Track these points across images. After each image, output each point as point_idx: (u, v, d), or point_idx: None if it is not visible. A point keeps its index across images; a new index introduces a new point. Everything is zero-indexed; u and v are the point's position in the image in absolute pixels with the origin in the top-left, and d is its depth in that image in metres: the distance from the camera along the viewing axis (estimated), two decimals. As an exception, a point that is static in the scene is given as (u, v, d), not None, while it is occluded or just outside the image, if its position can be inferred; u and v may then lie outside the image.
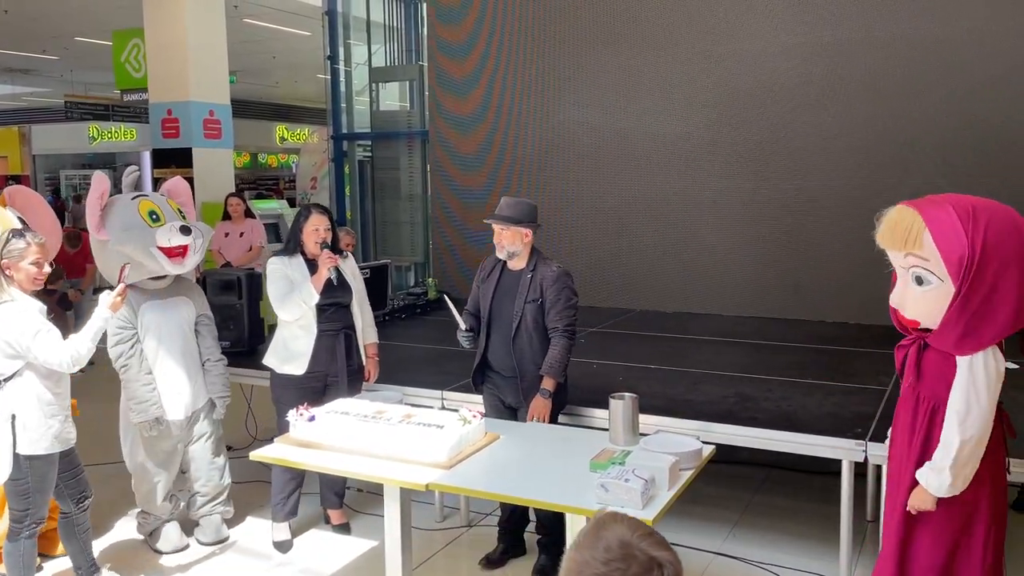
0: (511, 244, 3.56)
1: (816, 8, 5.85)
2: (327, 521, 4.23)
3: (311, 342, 3.87)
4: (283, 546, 4.04)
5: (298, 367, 3.88)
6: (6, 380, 3.07)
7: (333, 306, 3.93)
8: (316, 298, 3.81)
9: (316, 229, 3.89)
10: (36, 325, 3.05)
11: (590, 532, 1.26)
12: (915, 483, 2.42)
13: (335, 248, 3.93)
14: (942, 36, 5.48)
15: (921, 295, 2.32)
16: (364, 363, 4.08)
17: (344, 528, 4.19)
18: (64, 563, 3.84)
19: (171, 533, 3.95)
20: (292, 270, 3.87)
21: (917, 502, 2.41)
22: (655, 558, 1.21)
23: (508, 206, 3.58)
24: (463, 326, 3.67)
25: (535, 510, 3.64)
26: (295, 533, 4.12)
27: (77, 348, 3.06)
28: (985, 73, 5.38)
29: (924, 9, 5.54)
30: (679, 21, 6.30)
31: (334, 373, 3.94)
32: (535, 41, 6.88)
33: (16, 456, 3.09)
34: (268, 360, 3.97)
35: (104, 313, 3.15)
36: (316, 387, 3.90)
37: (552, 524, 3.59)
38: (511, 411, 3.67)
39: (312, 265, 3.88)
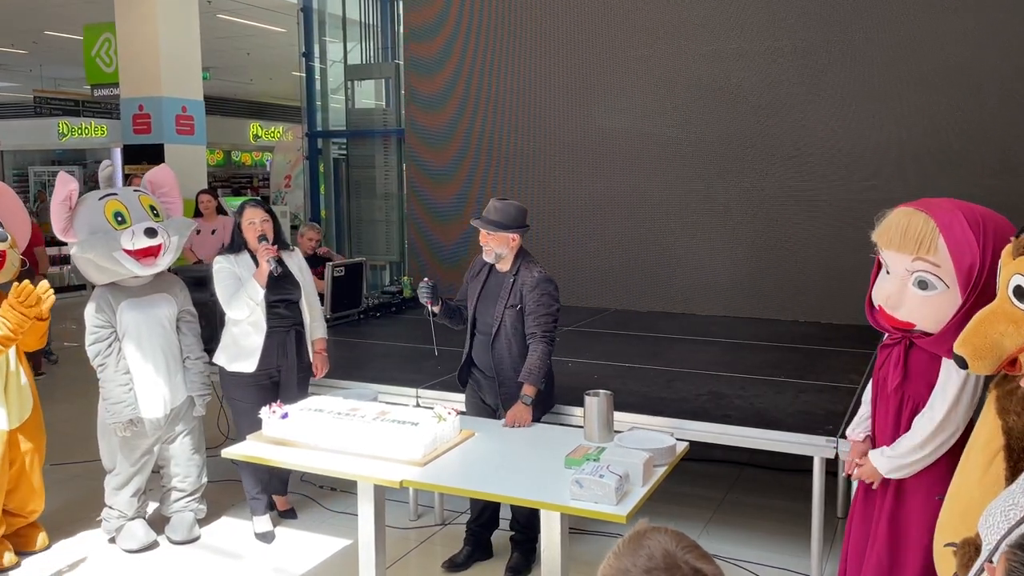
0: (498, 248, 3.52)
1: (790, 9, 5.90)
2: (271, 508, 4.24)
3: (261, 339, 3.85)
4: (266, 537, 4.04)
5: (249, 365, 3.85)
6: None
7: (282, 302, 3.91)
8: (261, 293, 3.78)
9: (251, 222, 3.86)
10: None
11: (631, 540, 1.22)
12: (899, 482, 2.43)
13: (277, 241, 3.91)
14: (917, 39, 5.56)
15: (923, 299, 2.31)
16: (312, 359, 4.06)
17: (290, 513, 4.24)
18: (44, 559, 3.80)
19: (136, 531, 3.90)
20: (239, 268, 3.84)
21: (866, 473, 2.52)
22: (700, 570, 1.17)
23: (496, 210, 3.51)
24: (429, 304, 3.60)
25: (512, 508, 3.64)
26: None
27: None
28: (960, 76, 5.45)
29: (899, 12, 5.61)
30: (655, 20, 6.34)
31: (286, 369, 3.94)
32: (509, 41, 6.88)
33: None
34: (218, 358, 3.93)
35: None
36: (267, 384, 3.91)
37: (528, 522, 3.60)
38: (491, 409, 3.65)
39: (258, 261, 3.86)
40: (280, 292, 3.89)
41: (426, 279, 3.59)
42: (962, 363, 2.04)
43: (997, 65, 5.36)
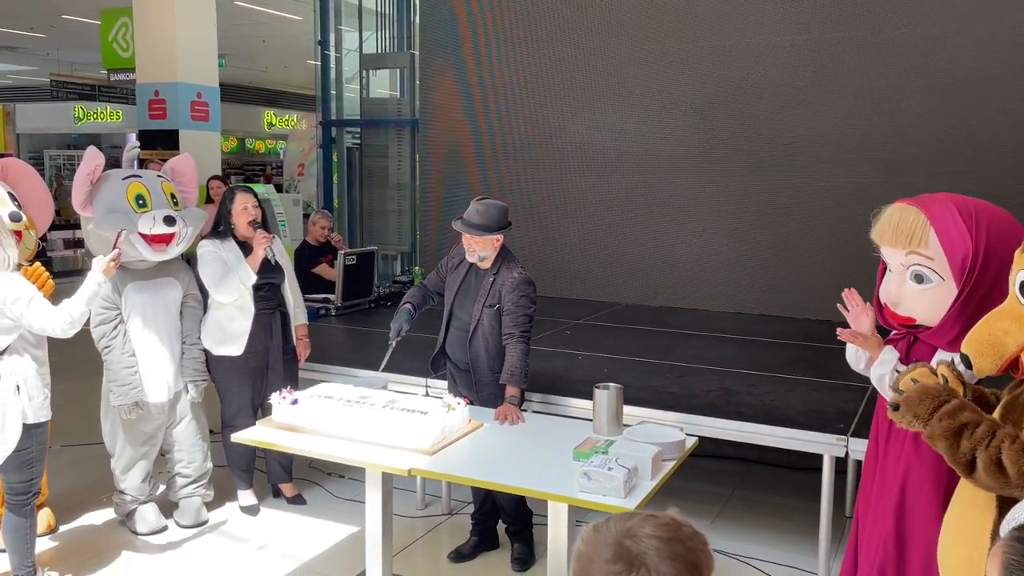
0: (482, 250, 3.52)
1: (803, 6, 5.86)
2: (276, 495, 4.31)
3: (248, 323, 3.91)
4: (251, 510, 4.15)
5: (235, 348, 3.92)
6: (0, 354, 3.07)
7: (267, 286, 3.99)
8: (254, 279, 3.85)
9: (244, 208, 3.92)
10: (28, 292, 3.02)
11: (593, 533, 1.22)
12: (907, 476, 2.41)
13: (265, 226, 3.97)
14: (930, 36, 5.52)
15: (920, 293, 2.31)
16: (295, 344, 4.15)
17: (299, 499, 4.27)
18: (50, 541, 3.82)
19: (148, 514, 3.92)
20: (226, 252, 3.89)
21: (863, 343, 2.47)
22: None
23: (478, 213, 3.50)
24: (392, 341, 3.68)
25: (499, 501, 3.65)
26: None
27: (71, 312, 3.04)
28: (973, 74, 5.41)
29: (913, 9, 5.56)
30: (665, 17, 6.30)
31: (272, 350, 4.01)
32: (522, 35, 6.86)
33: (24, 426, 3.08)
34: (204, 342, 3.97)
35: (97, 277, 3.13)
36: (256, 367, 3.99)
37: (517, 512, 3.64)
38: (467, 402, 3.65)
39: (243, 246, 3.91)
40: (266, 276, 3.96)
41: (399, 328, 3.66)
42: (967, 361, 2.02)
43: (1013, 65, 5.31)
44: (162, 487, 4.18)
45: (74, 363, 4.28)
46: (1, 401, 3.04)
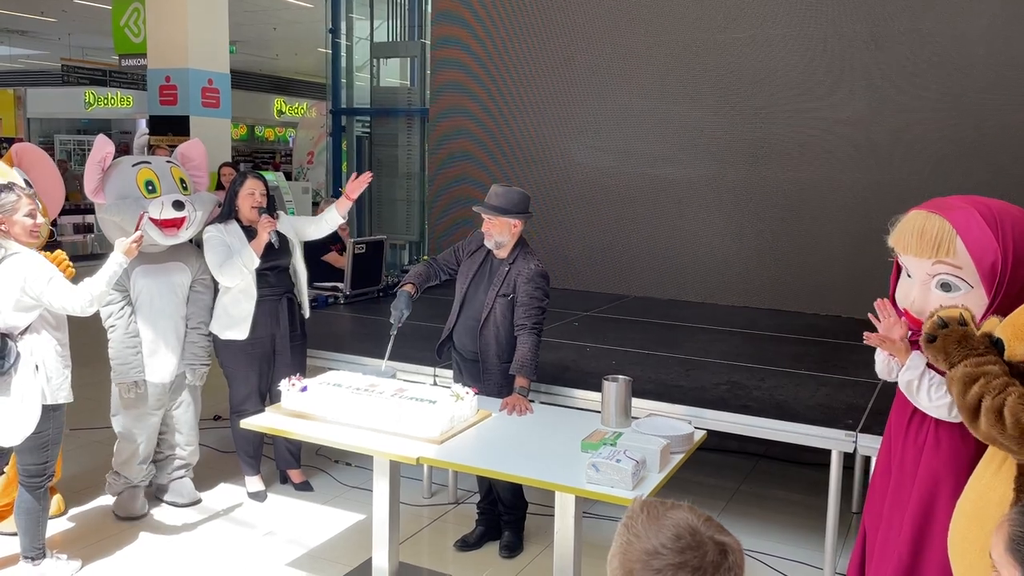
0: (499, 234, 3.52)
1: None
2: (284, 481, 4.34)
3: (251, 307, 3.94)
4: (259, 496, 4.17)
5: (240, 332, 3.94)
6: (21, 334, 3.09)
7: (273, 270, 4.00)
8: (257, 262, 3.86)
9: (251, 193, 3.95)
10: (48, 271, 3.05)
11: (648, 520, 1.21)
12: (925, 479, 2.39)
13: (271, 212, 3.99)
14: (947, 32, 5.47)
15: (948, 301, 2.26)
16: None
17: (306, 486, 4.30)
18: (58, 524, 3.83)
19: (136, 499, 3.93)
20: (230, 236, 3.91)
21: (891, 347, 2.36)
22: (724, 543, 1.20)
23: (497, 195, 3.51)
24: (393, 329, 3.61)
25: (496, 490, 3.67)
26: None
27: (91, 291, 3.07)
28: (989, 69, 5.37)
29: (929, 5, 5.52)
30: (679, 9, 6.26)
31: (279, 337, 4.02)
32: (534, 26, 6.82)
33: (43, 407, 3.11)
34: (212, 326, 4.01)
35: (119, 258, 3.17)
36: (263, 352, 4.01)
37: (513, 503, 3.68)
38: None
39: (247, 231, 3.93)
40: (271, 259, 3.97)
41: (400, 316, 3.57)
42: (1000, 346, 2.00)
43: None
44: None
45: (83, 347, 4.30)
46: (21, 381, 3.07)
